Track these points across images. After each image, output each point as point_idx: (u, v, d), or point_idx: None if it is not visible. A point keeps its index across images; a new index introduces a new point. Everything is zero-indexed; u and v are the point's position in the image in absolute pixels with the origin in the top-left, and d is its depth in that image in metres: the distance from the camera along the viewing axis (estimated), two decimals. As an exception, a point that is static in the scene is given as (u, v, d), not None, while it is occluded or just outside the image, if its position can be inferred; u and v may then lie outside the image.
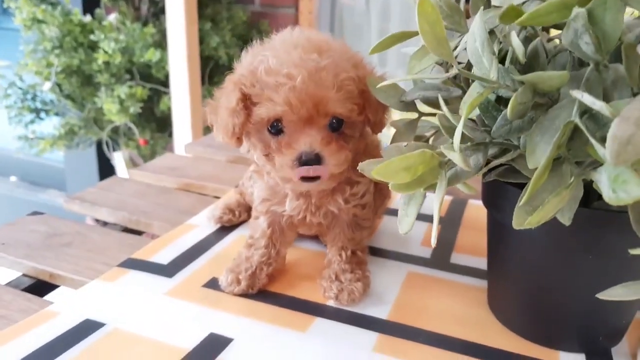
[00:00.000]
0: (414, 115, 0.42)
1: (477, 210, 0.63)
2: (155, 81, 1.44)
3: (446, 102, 0.39)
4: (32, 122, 1.46)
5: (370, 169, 0.33)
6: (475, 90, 0.33)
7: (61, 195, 2.24)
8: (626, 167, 0.25)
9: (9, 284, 0.48)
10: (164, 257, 0.50)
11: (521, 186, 0.34)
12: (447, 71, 0.39)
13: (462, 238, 0.57)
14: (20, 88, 1.45)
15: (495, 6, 0.37)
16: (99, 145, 1.67)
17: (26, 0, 1.34)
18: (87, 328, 0.40)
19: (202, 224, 0.57)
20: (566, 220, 0.31)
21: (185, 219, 0.58)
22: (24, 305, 0.43)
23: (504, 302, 0.43)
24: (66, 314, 0.41)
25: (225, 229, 0.56)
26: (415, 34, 0.38)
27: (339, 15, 1.74)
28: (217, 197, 0.65)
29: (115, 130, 1.52)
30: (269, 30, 1.68)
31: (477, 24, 0.32)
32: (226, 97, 0.41)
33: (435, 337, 0.41)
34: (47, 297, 0.47)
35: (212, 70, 1.53)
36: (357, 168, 0.36)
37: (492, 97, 0.35)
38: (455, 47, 0.37)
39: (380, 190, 0.51)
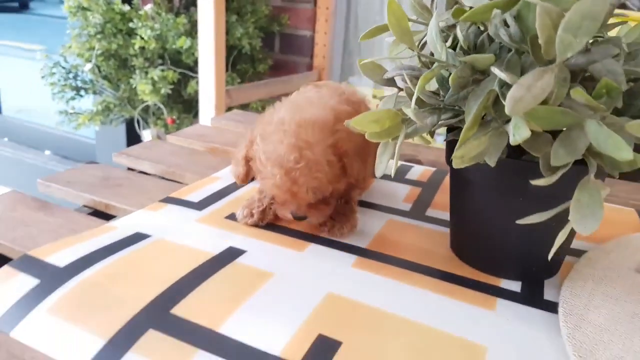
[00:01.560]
0: (394, 90, 0.54)
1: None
2: (184, 66, 1.57)
3: (417, 79, 0.51)
4: (72, 98, 1.61)
5: (352, 122, 0.45)
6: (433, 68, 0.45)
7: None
8: (520, 118, 0.37)
9: (76, 210, 0.61)
10: (195, 197, 0.63)
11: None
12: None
13: (439, 198, 0.69)
14: (63, 68, 1.60)
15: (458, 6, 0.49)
16: (128, 123, 1.81)
17: (74, -12, 1.50)
18: (137, 237, 0.52)
19: (225, 177, 0.70)
20: (492, 162, 0.43)
21: (211, 173, 0.71)
22: (89, 223, 0.56)
23: (460, 240, 0.55)
24: (121, 228, 0.54)
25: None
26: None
27: (355, 11, 1.86)
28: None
29: (146, 109, 1.66)
30: (288, 25, 1.81)
31: (433, 22, 0.44)
32: (239, 148, 0.58)
33: (403, 262, 0.53)
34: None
35: (235, 59, 1.66)
36: (344, 124, 0.48)
37: (447, 74, 0.47)
38: (423, 37, 0.49)
39: (374, 160, 0.63)
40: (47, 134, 2.52)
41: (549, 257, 0.42)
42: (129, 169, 0.75)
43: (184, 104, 1.68)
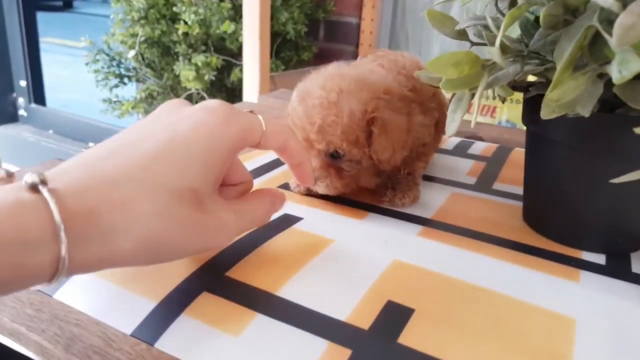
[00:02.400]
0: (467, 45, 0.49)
1: (520, 155, 0.69)
2: (227, 53, 1.56)
3: (496, 28, 0.46)
4: (116, 86, 1.62)
5: (429, 65, 0.41)
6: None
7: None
8: (629, 50, 0.32)
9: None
10: (248, 166, 0.60)
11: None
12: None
13: (505, 172, 0.63)
14: (107, 55, 1.60)
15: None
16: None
17: (118, -26, 1.50)
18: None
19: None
20: (586, 112, 0.38)
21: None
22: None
23: (536, 210, 0.50)
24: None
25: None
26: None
27: (402, 1, 1.81)
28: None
29: (189, 97, 1.65)
30: (333, 11, 1.77)
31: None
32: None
33: (472, 232, 0.48)
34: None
35: (279, 46, 1.63)
36: (415, 74, 0.44)
37: (532, 17, 0.42)
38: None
39: (438, 130, 0.59)
40: (90, 126, 2.56)
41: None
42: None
43: (227, 92, 1.66)
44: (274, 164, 0.61)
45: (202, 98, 1.64)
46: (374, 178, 0.53)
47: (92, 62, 1.58)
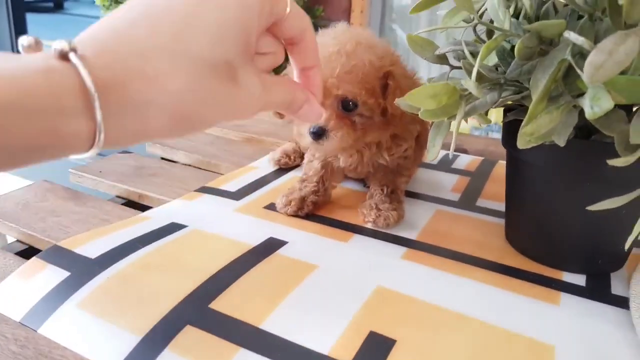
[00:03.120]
0: (447, 68, 0.50)
1: (504, 168, 0.70)
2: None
3: (474, 55, 0.47)
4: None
5: (406, 98, 0.41)
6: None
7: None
8: (600, 87, 0.33)
9: (108, 200, 0.59)
10: (232, 186, 0.60)
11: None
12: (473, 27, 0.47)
13: (489, 188, 0.64)
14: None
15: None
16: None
17: (107, -18, 1.49)
18: (173, 227, 0.50)
19: (262, 166, 0.67)
20: (561, 141, 0.38)
21: (247, 163, 0.68)
22: (121, 214, 0.54)
23: (517, 230, 0.51)
24: (156, 218, 0.51)
25: (281, 171, 0.66)
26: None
27: (390, 1, 1.82)
28: (274, 149, 0.75)
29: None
30: (322, 16, 1.77)
31: (496, -17, 0.39)
32: None
33: (456, 253, 0.48)
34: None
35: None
36: (395, 102, 0.44)
37: (508, 46, 0.42)
38: (482, 6, 0.45)
39: (419, 146, 0.60)
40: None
41: (626, 248, 0.38)
42: (162, 158, 0.72)
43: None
44: (260, 183, 0.62)
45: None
46: (382, 134, 0.52)
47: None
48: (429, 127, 0.47)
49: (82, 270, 0.42)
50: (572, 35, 0.34)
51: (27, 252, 0.49)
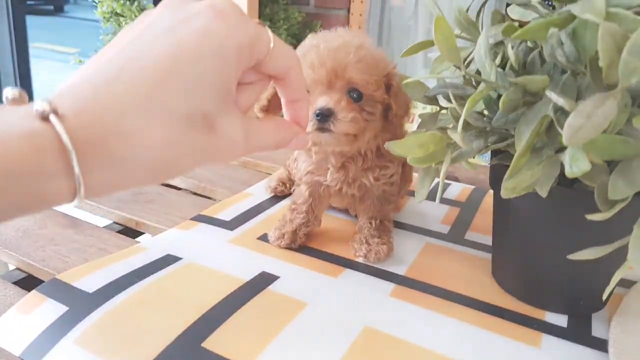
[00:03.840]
0: (437, 108, 0.51)
1: (495, 198, 0.71)
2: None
3: (462, 98, 0.48)
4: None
5: (394, 146, 0.43)
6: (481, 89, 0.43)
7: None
8: (579, 149, 0.34)
9: (105, 227, 0.60)
10: (227, 215, 0.61)
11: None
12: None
13: (478, 220, 0.65)
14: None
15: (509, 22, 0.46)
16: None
17: (108, -5, 1.51)
18: (168, 260, 0.51)
19: (257, 193, 0.68)
20: (544, 192, 0.40)
21: (243, 189, 0.69)
22: (118, 242, 0.55)
23: (503, 269, 0.52)
24: (152, 249, 0.53)
25: (276, 198, 0.67)
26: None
27: (388, 17, 1.83)
28: (269, 173, 0.76)
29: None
30: (320, 31, 1.79)
31: (482, 38, 0.41)
32: None
33: (443, 291, 0.50)
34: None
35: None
36: (385, 146, 0.46)
37: (495, 95, 0.44)
38: (470, 54, 0.47)
39: (405, 175, 0.61)
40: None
41: (604, 298, 0.39)
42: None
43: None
44: (253, 212, 0.63)
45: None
46: (377, 136, 0.53)
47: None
48: None
49: (79, 305, 0.43)
50: (553, 96, 0.35)
51: (27, 281, 0.50)
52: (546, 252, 0.47)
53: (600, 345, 0.44)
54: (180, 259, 0.51)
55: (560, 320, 0.47)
